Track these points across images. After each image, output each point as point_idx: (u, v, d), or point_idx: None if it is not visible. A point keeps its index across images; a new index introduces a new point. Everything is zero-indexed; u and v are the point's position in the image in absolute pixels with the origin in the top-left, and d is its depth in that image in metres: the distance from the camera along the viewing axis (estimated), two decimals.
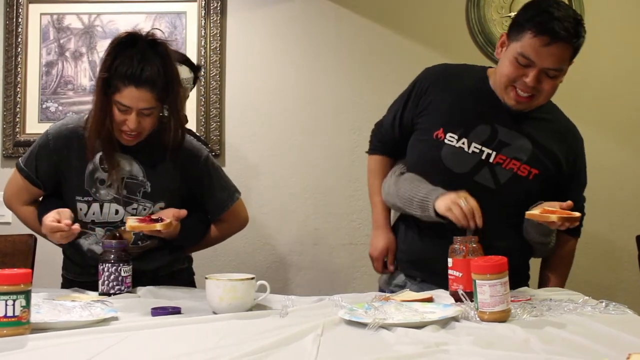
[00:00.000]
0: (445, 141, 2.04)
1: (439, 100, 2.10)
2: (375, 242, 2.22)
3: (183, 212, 2.00)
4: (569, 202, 1.89)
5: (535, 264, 2.22)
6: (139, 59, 1.92)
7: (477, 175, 2.01)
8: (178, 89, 2.04)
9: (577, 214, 1.86)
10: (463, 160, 2.02)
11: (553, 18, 1.88)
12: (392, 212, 2.24)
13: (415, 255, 2.11)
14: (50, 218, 1.93)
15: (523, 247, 2.06)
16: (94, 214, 2.07)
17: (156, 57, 1.95)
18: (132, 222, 1.91)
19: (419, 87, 2.14)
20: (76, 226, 1.92)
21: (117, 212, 2.08)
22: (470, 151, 2.02)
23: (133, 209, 2.08)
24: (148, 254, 2.13)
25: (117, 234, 2.02)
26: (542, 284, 2.19)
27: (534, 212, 1.85)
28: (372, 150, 2.30)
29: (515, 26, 1.97)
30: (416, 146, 2.12)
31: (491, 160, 2.02)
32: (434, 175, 2.04)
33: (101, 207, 2.07)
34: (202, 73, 2.90)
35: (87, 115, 2.10)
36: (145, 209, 2.09)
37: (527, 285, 2.13)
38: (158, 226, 1.90)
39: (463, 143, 2.03)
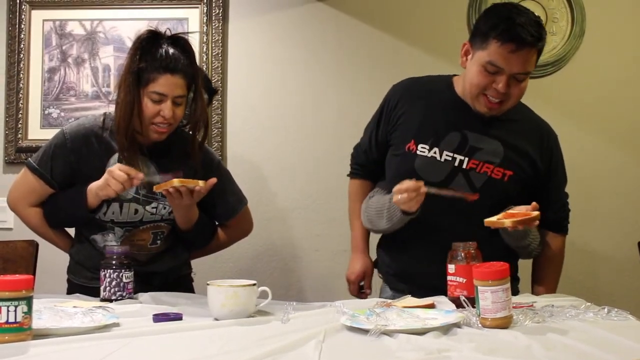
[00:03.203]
0: (418, 152, 2.06)
1: (409, 113, 2.12)
2: (352, 266, 2.26)
3: (213, 180, 2.02)
4: (534, 204, 1.88)
5: (526, 265, 2.22)
6: (168, 50, 2.02)
7: (452, 183, 2.03)
8: (199, 81, 2.12)
9: (536, 214, 1.83)
10: (436, 170, 2.04)
11: (516, 24, 1.91)
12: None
13: (400, 269, 2.13)
14: (120, 165, 1.98)
15: (507, 250, 2.05)
16: (113, 213, 2.08)
17: (181, 49, 2.05)
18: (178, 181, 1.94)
19: (388, 104, 2.17)
20: (141, 175, 1.97)
21: (136, 211, 2.09)
22: (442, 160, 2.04)
23: (153, 207, 2.10)
24: (160, 257, 2.15)
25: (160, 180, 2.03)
26: (534, 285, 2.19)
27: (491, 219, 1.84)
28: (352, 175, 2.33)
29: (479, 35, 1.99)
30: (392, 161, 2.15)
31: (464, 166, 2.03)
32: None
33: (121, 206, 2.08)
34: (218, 96, 2.92)
35: (102, 117, 2.13)
36: (165, 208, 2.11)
37: (517, 287, 2.14)
38: (201, 183, 1.96)
39: (435, 152, 2.05)
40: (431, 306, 1.73)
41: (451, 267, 1.79)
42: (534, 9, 2.89)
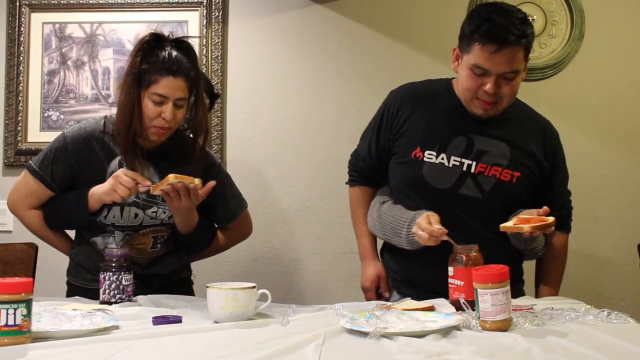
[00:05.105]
0: (425, 159, 2.05)
1: (412, 120, 2.11)
2: (365, 273, 2.23)
3: (212, 183, 2.02)
4: (545, 208, 1.89)
5: (530, 266, 2.22)
6: (170, 53, 2.02)
7: (462, 188, 2.02)
8: (201, 85, 2.11)
9: (551, 219, 1.83)
10: (445, 176, 2.03)
11: (496, 25, 1.90)
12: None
13: (407, 274, 2.12)
14: (126, 171, 1.98)
15: (514, 252, 2.06)
16: (114, 217, 2.08)
17: (184, 52, 2.05)
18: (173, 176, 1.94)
19: (389, 111, 2.16)
20: (148, 182, 1.98)
21: (136, 215, 2.09)
22: (450, 165, 2.03)
23: (153, 212, 2.11)
24: (160, 260, 2.15)
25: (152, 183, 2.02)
26: (538, 284, 2.19)
27: (508, 225, 1.85)
28: (351, 182, 2.31)
29: (464, 38, 1.99)
30: (397, 169, 2.13)
31: (472, 170, 2.03)
32: (419, 195, 2.05)
33: (121, 210, 2.08)
34: (219, 101, 2.91)
35: (103, 120, 2.13)
36: (165, 212, 2.11)
37: (523, 289, 2.14)
38: (196, 180, 1.96)
39: (442, 158, 2.04)
40: (431, 309, 1.73)
41: (451, 270, 1.79)
42: (533, 12, 2.95)
